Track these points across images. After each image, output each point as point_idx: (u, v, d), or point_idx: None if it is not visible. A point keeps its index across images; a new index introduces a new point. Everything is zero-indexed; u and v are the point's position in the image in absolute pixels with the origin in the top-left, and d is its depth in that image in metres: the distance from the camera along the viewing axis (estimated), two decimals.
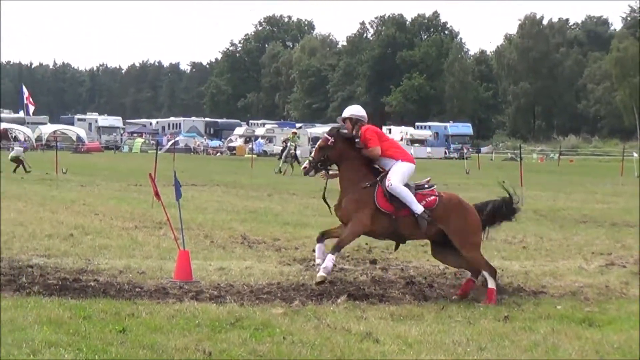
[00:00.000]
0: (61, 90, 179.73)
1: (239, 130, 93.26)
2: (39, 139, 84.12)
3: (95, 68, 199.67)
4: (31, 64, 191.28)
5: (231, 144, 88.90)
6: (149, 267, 11.32)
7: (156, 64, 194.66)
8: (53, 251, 12.60)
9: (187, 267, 10.59)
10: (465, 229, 10.02)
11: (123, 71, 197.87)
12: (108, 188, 28.20)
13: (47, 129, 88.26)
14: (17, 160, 37.30)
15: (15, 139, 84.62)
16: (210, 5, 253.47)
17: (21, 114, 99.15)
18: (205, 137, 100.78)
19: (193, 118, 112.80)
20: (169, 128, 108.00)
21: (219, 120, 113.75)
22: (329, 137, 10.23)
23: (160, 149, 43.39)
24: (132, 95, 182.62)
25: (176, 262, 10.74)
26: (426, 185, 10.27)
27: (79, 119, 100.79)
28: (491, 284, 9.82)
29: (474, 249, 10.04)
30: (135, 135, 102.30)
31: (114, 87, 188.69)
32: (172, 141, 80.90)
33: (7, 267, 10.95)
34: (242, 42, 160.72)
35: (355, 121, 10.29)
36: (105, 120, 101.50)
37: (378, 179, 10.09)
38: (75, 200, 22.27)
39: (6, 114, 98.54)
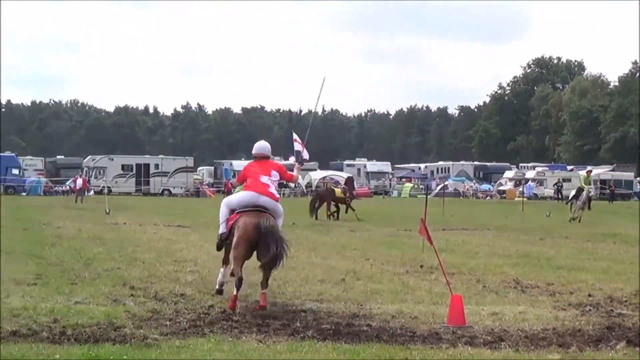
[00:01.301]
0: (330, 137, 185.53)
1: (508, 174, 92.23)
2: (308, 185, 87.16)
3: (363, 114, 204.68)
4: (300, 111, 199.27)
5: (501, 187, 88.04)
6: (421, 311, 11.33)
7: (424, 108, 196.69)
8: (326, 296, 12.84)
9: (459, 312, 10.52)
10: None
11: (391, 116, 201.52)
12: (378, 233, 28.53)
13: (316, 175, 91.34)
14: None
15: (286, 185, 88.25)
16: (478, 48, 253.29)
17: (291, 160, 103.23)
18: (474, 180, 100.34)
19: (462, 162, 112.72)
20: (437, 172, 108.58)
21: (488, 163, 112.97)
22: None
23: (430, 194, 43.57)
24: (400, 140, 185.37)
25: (449, 307, 10.70)
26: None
27: (348, 165, 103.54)
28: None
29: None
30: (404, 180, 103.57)
31: (382, 132, 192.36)
32: (441, 185, 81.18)
33: (282, 312, 11.28)
34: (510, 84, 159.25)
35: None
36: (374, 166, 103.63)
37: None
38: (346, 245, 22.65)
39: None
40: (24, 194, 75.17)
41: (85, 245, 21.06)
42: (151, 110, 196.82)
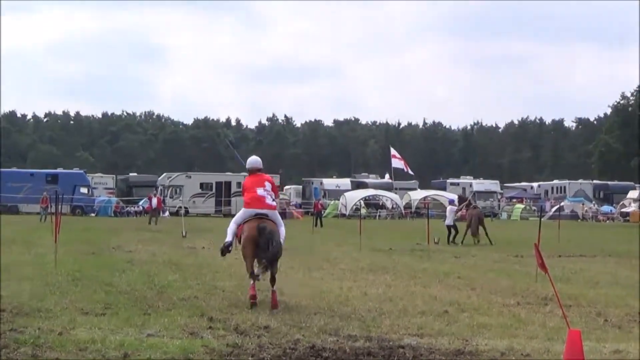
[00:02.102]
0: (432, 151, 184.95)
1: (632, 194, 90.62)
2: (407, 205, 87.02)
3: (469, 126, 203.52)
4: (399, 123, 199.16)
5: (624, 209, 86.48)
6: (534, 348, 11.20)
7: (537, 121, 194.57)
8: (426, 330, 12.77)
9: (578, 349, 10.28)
10: None
11: (500, 129, 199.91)
12: (485, 259, 28.40)
13: (416, 195, 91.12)
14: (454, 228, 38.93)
15: (382, 206, 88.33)
16: (598, 53, 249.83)
17: (387, 178, 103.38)
18: (594, 201, 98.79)
19: (580, 180, 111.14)
20: (552, 192, 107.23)
21: (609, 182, 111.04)
22: None
23: (543, 216, 42.98)
24: (510, 156, 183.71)
25: (565, 344, 10.47)
26: None
27: (452, 184, 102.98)
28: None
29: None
30: (514, 200, 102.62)
31: (490, 147, 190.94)
32: (556, 207, 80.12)
33: (377, 347, 11.23)
34: (635, 94, 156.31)
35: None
36: (480, 185, 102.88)
37: None
38: (449, 272, 22.59)
39: (372, 179, 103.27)
40: (92, 214, 76.85)
41: (159, 271, 21.35)
42: (233, 123, 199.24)
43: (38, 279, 18.56)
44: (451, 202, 42.02)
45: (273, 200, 15.71)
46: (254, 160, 16.24)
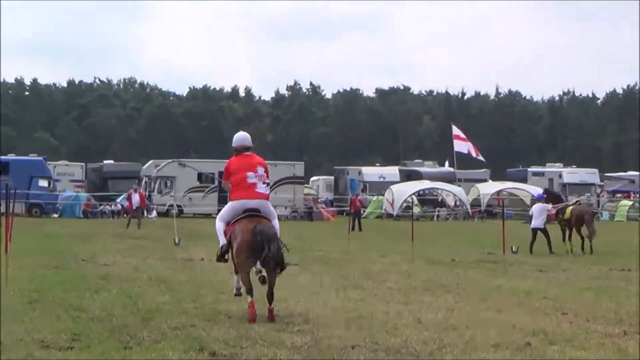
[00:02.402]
0: (507, 131, 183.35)
1: None
2: (475, 203, 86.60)
3: (557, 97, 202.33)
4: (463, 93, 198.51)
5: None
6: None
7: None
8: None
9: None
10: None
11: (599, 101, 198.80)
12: (581, 273, 28.23)
13: (487, 188, 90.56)
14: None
15: (442, 203, 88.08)
16: None
17: (447, 166, 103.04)
18: None
19: None
20: None
21: None
22: None
23: None
24: (613, 137, 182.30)
25: None
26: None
27: (535, 174, 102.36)
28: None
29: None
30: (618, 195, 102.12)
31: (586, 125, 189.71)
32: None
33: None
34: None
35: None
36: (573, 175, 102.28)
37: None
38: (531, 291, 22.47)
39: (428, 167, 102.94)
40: (55, 215, 76.85)
41: (144, 291, 21.28)
42: (242, 93, 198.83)
43: None
44: (539, 197, 41.72)
45: (267, 187, 17.11)
46: (242, 137, 17.66)
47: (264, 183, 16.92)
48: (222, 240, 17.03)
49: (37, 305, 18.11)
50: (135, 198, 57.82)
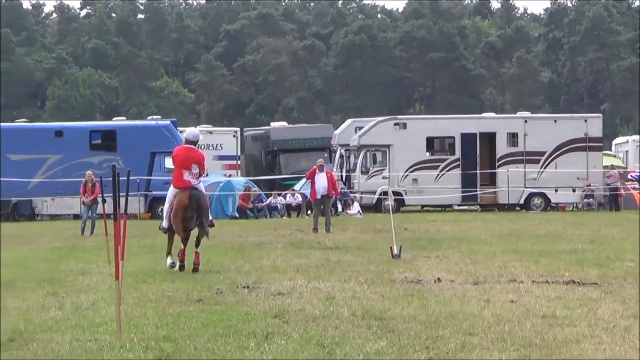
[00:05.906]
0: None
1: None
2: None
3: None
4: None
5: None
6: None
7: None
8: None
9: None
10: None
11: None
12: None
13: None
14: None
15: None
16: None
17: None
18: None
19: None
20: None
21: None
22: None
23: None
24: None
25: None
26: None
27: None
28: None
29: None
30: None
31: None
32: None
33: None
34: None
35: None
36: None
37: None
38: None
39: None
40: None
41: (344, 335, 15.83)
42: None
43: None
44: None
45: (197, 182, 23.54)
46: (194, 133, 23.97)
47: (196, 180, 23.23)
48: (165, 224, 23.25)
49: None
50: (322, 181, 44.42)
